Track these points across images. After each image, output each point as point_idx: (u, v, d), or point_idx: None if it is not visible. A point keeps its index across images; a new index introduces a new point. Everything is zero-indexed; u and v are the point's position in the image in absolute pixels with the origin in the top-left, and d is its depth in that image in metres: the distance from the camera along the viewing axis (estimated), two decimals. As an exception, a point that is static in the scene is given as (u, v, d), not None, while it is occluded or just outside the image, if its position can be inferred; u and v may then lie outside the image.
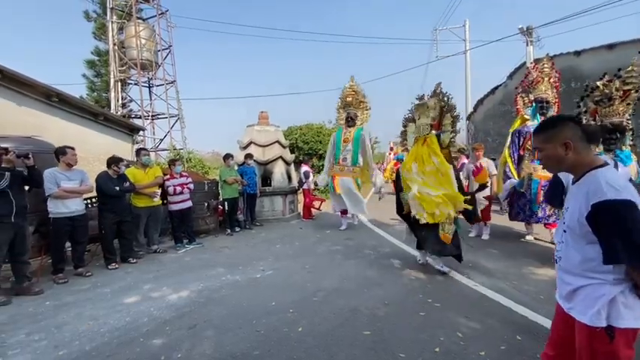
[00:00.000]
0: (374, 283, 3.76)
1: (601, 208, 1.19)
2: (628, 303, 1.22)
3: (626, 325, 1.22)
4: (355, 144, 6.56)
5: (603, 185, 1.21)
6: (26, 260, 3.80)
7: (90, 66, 18.21)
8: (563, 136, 1.34)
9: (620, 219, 1.16)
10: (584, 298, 1.28)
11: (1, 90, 5.30)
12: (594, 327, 1.25)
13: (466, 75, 15.83)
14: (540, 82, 5.24)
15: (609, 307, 1.23)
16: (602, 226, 1.20)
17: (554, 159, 1.37)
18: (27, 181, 3.75)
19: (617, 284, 1.22)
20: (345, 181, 6.55)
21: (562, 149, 1.34)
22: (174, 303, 3.40)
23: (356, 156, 6.58)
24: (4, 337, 2.79)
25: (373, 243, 5.66)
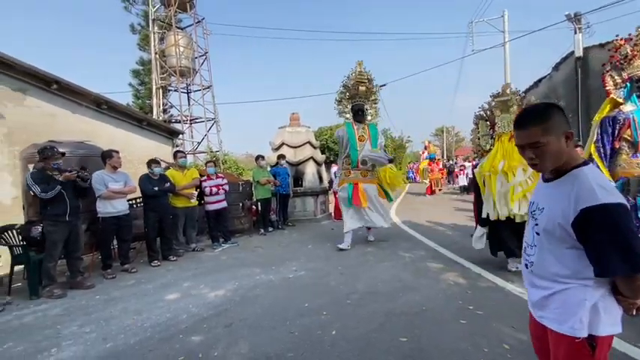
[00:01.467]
0: (409, 287, 3.62)
1: (594, 213, 1.03)
2: (608, 307, 1.10)
3: (607, 332, 1.10)
4: (375, 143, 5.48)
5: (594, 185, 1.06)
6: (79, 256, 4.11)
7: (135, 75, 19.53)
8: (564, 126, 1.14)
9: (617, 225, 1.02)
10: (562, 304, 1.13)
11: (57, 99, 5.82)
12: (574, 337, 1.10)
13: (505, 68, 14.92)
14: (637, 57, 4.26)
15: (591, 314, 1.09)
16: (594, 234, 1.04)
17: (556, 154, 1.14)
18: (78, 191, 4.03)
19: (598, 288, 1.09)
20: (370, 190, 5.45)
21: (564, 141, 1.14)
22: (211, 301, 3.49)
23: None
24: (60, 328, 3.02)
25: (407, 245, 5.48)
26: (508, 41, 14.81)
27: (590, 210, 1.03)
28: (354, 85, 5.67)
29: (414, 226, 7.03)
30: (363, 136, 5.50)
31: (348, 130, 5.53)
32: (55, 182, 3.70)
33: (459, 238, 5.73)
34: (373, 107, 5.83)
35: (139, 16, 19.09)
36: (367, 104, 5.71)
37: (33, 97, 5.51)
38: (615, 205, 1.03)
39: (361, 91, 5.64)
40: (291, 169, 8.19)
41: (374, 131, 5.57)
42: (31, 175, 3.74)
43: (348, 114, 5.68)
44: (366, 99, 5.72)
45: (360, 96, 5.67)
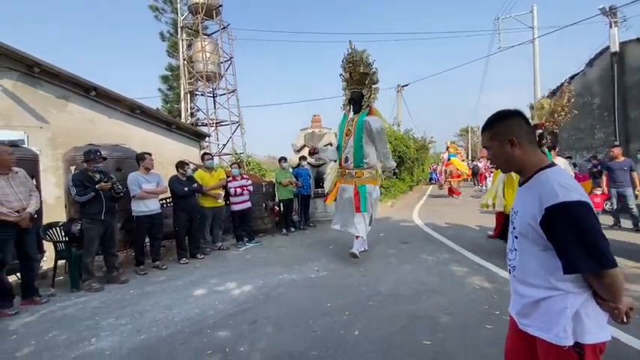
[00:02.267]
0: (433, 290, 3.57)
1: (557, 211, 1.06)
2: (590, 314, 1.09)
3: (594, 339, 1.08)
4: (357, 137, 4.62)
5: (556, 186, 1.09)
6: (115, 253, 4.37)
7: (164, 81, 20.40)
8: (508, 133, 1.22)
9: (579, 223, 1.05)
10: (546, 312, 1.13)
11: (96, 105, 6.22)
12: (561, 346, 1.10)
13: (534, 65, 14.31)
14: None
15: (574, 322, 1.09)
16: (559, 232, 1.07)
17: (502, 158, 1.26)
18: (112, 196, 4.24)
19: (579, 294, 1.10)
20: (345, 191, 4.76)
21: (508, 147, 1.22)
22: (236, 298, 3.61)
23: (359, 154, 4.66)
24: (98, 319, 3.23)
25: (430, 248, 5.39)
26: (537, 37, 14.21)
27: (553, 208, 1.06)
28: (342, 74, 4.96)
29: (438, 229, 6.90)
30: (350, 130, 4.75)
31: (340, 124, 5.02)
32: (91, 187, 3.95)
33: (484, 241, 5.57)
34: (370, 90, 4.87)
35: (168, 24, 19.96)
36: (364, 89, 4.84)
37: (74, 104, 5.93)
38: (575, 203, 1.05)
39: (347, 78, 4.88)
40: (312, 170, 8.27)
41: (359, 123, 4.65)
42: (72, 177, 4.02)
43: (347, 106, 5.02)
44: (362, 84, 4.84)
45: (351, 83, 4.88)
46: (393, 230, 6.88)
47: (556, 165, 1.22)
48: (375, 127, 4.62)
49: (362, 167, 4.72)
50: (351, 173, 4.78)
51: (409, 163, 15.66)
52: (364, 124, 4.62)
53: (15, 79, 5.21)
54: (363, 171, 4.73)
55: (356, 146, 4.67)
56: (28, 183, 3.59)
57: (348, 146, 4.76)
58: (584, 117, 11.39)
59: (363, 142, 4.64)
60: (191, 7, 16.92)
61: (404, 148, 14.14)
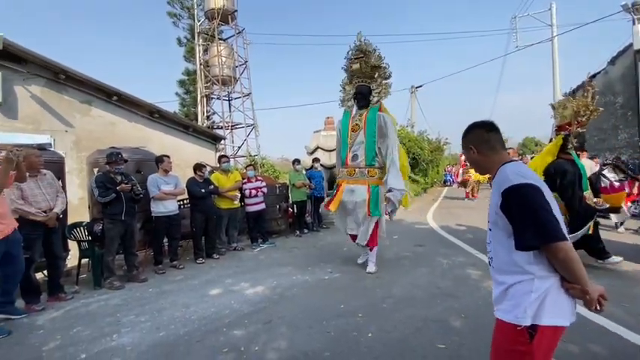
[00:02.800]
0: (447, 293, 3.53)
1: (509, 193, 1.22)
2: (553, 298, 1.19)
3: (550, 322, 1.18)
4: (370, 132, 4.26)
5: (509, 174, 1.27)
6: (134, 252, 4.51)
7: (181, 85, 20.91)
8: (468, 142, 1.48)
9: (526, 200, 1.19)
10: (512, 296, 1.25)
11: (117, 109, 6.46)
12: (516, 325, 1.21)
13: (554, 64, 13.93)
14: None
15: (536, 304, 1.19)
16: (512, 211, 1.22)
17: (472, 162, 1.51)
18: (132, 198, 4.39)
19: (546, 278, 1.20)
20: (355, 192, 4.31)
21: (472, 153, 1.46)
22: (251, 298, 3.67)
23: (371, 151, 4.28)
24: (119, 316, 3.35)
25: (445, 251, 5.32)
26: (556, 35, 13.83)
27: (506, 191, 1.23)
28: (349, 65, 4.57)
29: (453, 232, 6.79)
30: (358, 125, 4.37)
31: (342, 120, 4.61)
32: (112, 188, 4.10)
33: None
34: (382, 85, 4.49)
35: (185, 30, 20.47)
36: (373, 84, 4.48)
37: (97, 108, 6.17)
38: (523, 185, 1.21)
39: (355, 70, 4.48)
40: (325, 172, 8.29)
41: (371, 116, 4.29)
42: (95, 179, 4.19)
43: (350, 101, 4.63)
44: (370, 78, 4.49)
45: (359, 76, 4.51)
46: (407, 233, 6.82)
47: (516, 160, 1.40)
48: (389, 124, 4.27)
49: (374, 166, 4.33)
50: (363, 172, 4.34)
51: (423, 164, 15.47)
52: (378, 119, 4.25)
53: (42, 85, 5.49)
54: (375, 170, 4.34)
55: (368, 142, 4.27)
56: (55, 184, 3.76)
57: (356, 142, 4.35)
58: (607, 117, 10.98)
59: (377, 138, 4.27)
60: (207, 13, 17.29)
61: (418, 149, 13.99)
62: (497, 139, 1.43)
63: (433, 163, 18.53)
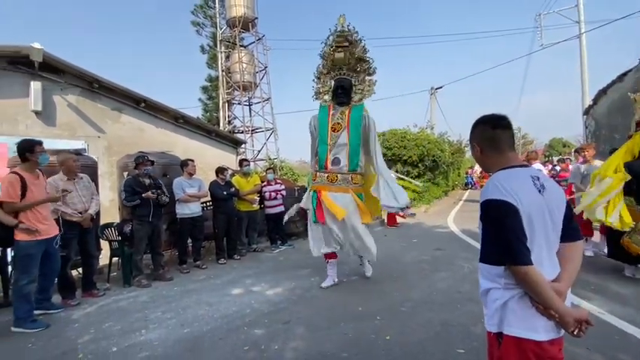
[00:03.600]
0: (468, 298, 3.47)
1: (483, 206, 1.22)
2: (517, 309, 1.18)
3: (515, 333, 1.17)
4: (354, 134, 3.78)
5: (491, 184, 1.22)
6: (161, 252, 4.72)
7: (204, 91, 21.61)
8: (472, 138, 1.39)
9: (494, 218, 1.18)
10: (487, 300, 1.27)
11: (144, 115, 6.78)
12: (489, 331, 1.26)
13: (581, 62, 13.32)
14: None
15: (501, 313, 1.20)
16: (482, 225, 1.23)
17: (475, 160, 1.44)
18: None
19: (509, 289, 1.19)
20: (338, 201, 3.76)
21: (476, 150, 1.39)
22: (270, 298, 3.75)
23: (356, 155, 3.82)
24: (147, 312, 3.51)
25: (466, 255, 5.21)
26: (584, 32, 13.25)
27: (481, 205, 1.23)
28: (330, 53, 3.97)
29: (474, 235, 6.64)
30: (339, 124, 3.84)
31: (319, 116, 4.00)
32: (140, 192, 4.31)
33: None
34: (366, 81, 3.99)
35: (208, 38, 21.17)
36: (355, 78, 3.97)
37: (126, 115, 6.52)
38: (495, 201, 1.17)
39: (338, 60, 3.92)
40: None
41: (356, 115, 3.81)
42: (124, 183, 4.43)
43: (327, 94, 4.04)
44: (353, 71, 3.98)
45: (341, 67, 3.96)
46: (427, 236, 6.73)
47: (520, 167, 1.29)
48: (374, 125, 3.86)
49: (357, 171, 3.88)
50: (347, 179, 3.82)
51: (444, 167, 15.17)
52: (363, 120, 3.80)
53: (78, 94, 5.86)
54: (359, 176, 3.90)
55: (352, 145, 3.77)
56: (90, 187, 4.01)
57: (338, 144, 3.80)
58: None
59: (361, 141, 3.84)
60: (229, 22, 17.81)
61: (438, 151, 13.73)
62: (504, 137, 1.30)
63: (454, 165, 18.15)
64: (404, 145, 12.85)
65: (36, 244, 3.18)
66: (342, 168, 3.83)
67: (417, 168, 13.07)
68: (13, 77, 5.17)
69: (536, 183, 1.22)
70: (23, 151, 3.21)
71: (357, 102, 3.95)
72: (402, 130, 13.76)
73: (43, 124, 5.43)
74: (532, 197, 1.18)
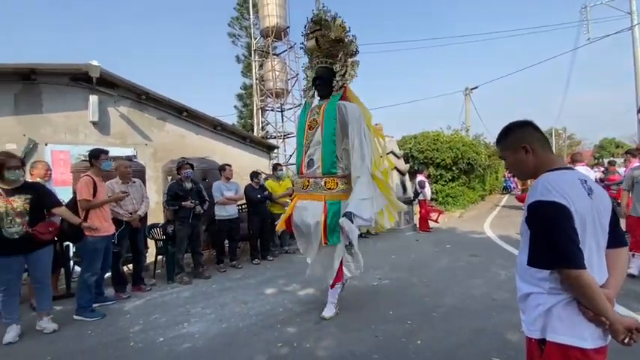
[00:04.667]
0: (505, 306, 3.37)
1: (530, 209, 1.18)
2: (564, 316, 1.13)
3: (560, 340, 1.12)
4: (328, 129, 3.18)
5: (539, 186, 1.18)
6: (200, 252, 5.03)
7: (239, 99, 22.58)
8: (520, 140, 1.31)
9: (544, 219, 1.13)
10: (528, 306, 1.23)
11: (186, 123, 7.27)
12: (530, 337, 1.22)
13: (635, 55, 12.23)
14: None
15: (545, 319, 1.16)
16: (530, 227, 1.18)
17: (517, 165, 1.35)
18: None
19: (554, 294, 1.14)
20: (308, 211, 3.23)
21: (522, 153, 1.30)
22: (302, 298, 3.88)
23: (330, 155, 3.18)
24: (189, 307, 3.77)
25: (503, 262, 5.02)
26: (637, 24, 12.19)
27: (530, 206, 1.18)
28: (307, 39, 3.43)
29: (513, 242, 6.35)
30: (315, 121, 3.30)
31: (300, 115, 3.59)
32: (181, 197, 4.64)
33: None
34: (347, 64, 3.36)
35: (243, 48, 22.14)
36: (337, 64, 3.36)
37: (170, 123, 7.03)
38: (546, 202, 1.12)
39: (311, 48, 3.39)
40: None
41: (329, 108, 3.21)
42: (168, 187, 4.79)
43: (312, 90, 3.52)
44: (332, 57, 3.38)
45: (318, 55, 3.41)
46: (461, 242, 6.54)
47: (567, 169, 1.26)
48: (353, 114, 3.13)
49: (335, 174, 3.20)
50: (319, 183, 3.22)
51: (480, 170, 14.57)
52: (337, 110, 3.17)
53: (128, 105, 6.44)
54: (336, 180, 3.20)
55: (325, 142, 3.17)
56: (141, 191, 4.41)
57: (313, 144, 3.27)
58: None
59: (337, 137, 3.18)
60: (263, 32, 18.48)
61: (474, 154, 13.23)
62: (545, 139, 1.32)
63: (491, 168, 17.34)
64: (436, 147, 12.53)
65: (100, 240, 3.59)
66: (316, 171, 3.23)
67: (451, 171, 12.67)
68: (74, 92, 5.81)
69: (584, 186, 1.19)
70: (91, 157, 3.70)
71: (337, 90, 3.32)
72: (434, 133, 13.42)
73: (99, 133, 6.02)
74: (583, 200, 1.14)
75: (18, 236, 2.99)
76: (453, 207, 11.86)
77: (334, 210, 3.12)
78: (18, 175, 3.06)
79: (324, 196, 3.18)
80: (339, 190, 3.21)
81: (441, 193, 12.29)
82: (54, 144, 5.48)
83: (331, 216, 3.11)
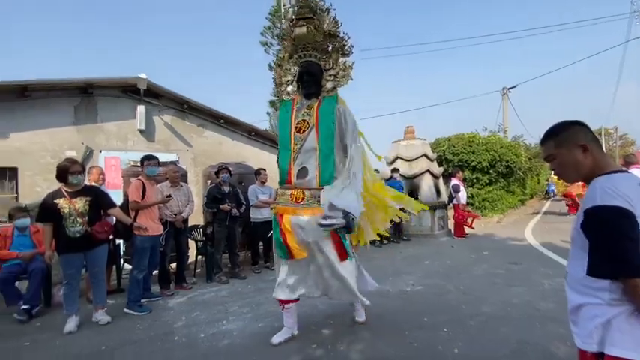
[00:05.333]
0: (549, 317, 3.19)
1: (590, 214, 1.10)
2: (626, 329, 1.05)
3: (621, 354, 1.04)
4: (325, 134, 2.80)
5: (597, 190, 1.11)
6: (236, 252, 5.24)
7: (271, 105, 23.21)
8: (579, 139, 1.21)
9: (606, 226, 1.06)
10: (582, 318, 1.16)
11: (223, 130, 7.62)
12: (585, 351, 1.14)
13: None
14: None
15: (603, 331, 1.08)
16: (589, 234, 1.11)
17: (572, 165, 1.24)
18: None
19: (615, 305, 1.07)
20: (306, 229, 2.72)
21: (579, 153, 1.20)
22: (334, 301, 3.87)
23: (329, 164, 2.79)
24: (227, 306, 3.93)
25: (546, 270, 4.74)
26: None
27: (589, 211, 1.10)
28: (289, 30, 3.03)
29: (557, 250, 5.97)
30: (306, 123, 2.86)
31: (280, 114, 3.06)
32: (220, 200, 4.89)
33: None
34: (339, 64, 2.98)
35: (274, 56, 22.74)
36: (327, 61, 2.99)
37: (208, 130, 7.41)
38: (608, 207, 1.05)
39: (300, 36, 2.93)
40: (405, 182, 8.19)
41: (327, 107, 2.85)
42: (208, 191, 5.06)
43: (291, 84, 3.08)
44: (321, 51, 2.97)
45: (305, 47, 2.95)
46: (500, 249, 6.26)
47: (622, 172, 1.18)
48: (353, 122, 2.85)
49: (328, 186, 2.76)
50: (316, 196, 2.74)
51: (519, 173, 13.82)
52: (337, 113, 2.80)
53: (172, 114, 6.89)
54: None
55: (324, 149, 2.77)
56: (187, 194, 4.73)
57: (305, 150, 2.82)
58: None
59: (335, 144, 2.80)
60: (293, 38, 18.94)
61: (512, 156, 12.59)
62: (599, 142, 1.26)
63: (532, 171, 16.38)
64: (472, 150, 12.07)
65: (148, 239, 3.87)
66: (311, 182, 2.78)
67: (488, 175, 12.14)
68: (124, 103, 6.32)
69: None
70: (141, 163, 4.07)
71: (329, 92, 2.95)
72: (469, 135, 12.94)
73: (146, 140, 6.50)
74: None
75: (79, 235, 3.31)
76: (490, 212, 11.37)
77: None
78: (80, 179, 3.40)
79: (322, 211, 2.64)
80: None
81: (477, 198, 11.82)
82: (107, 151, 5.99)
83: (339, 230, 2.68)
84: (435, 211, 8.15)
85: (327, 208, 2.56)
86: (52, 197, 3.31)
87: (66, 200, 3.30)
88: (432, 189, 8.41)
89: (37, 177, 5.28)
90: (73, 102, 5.78)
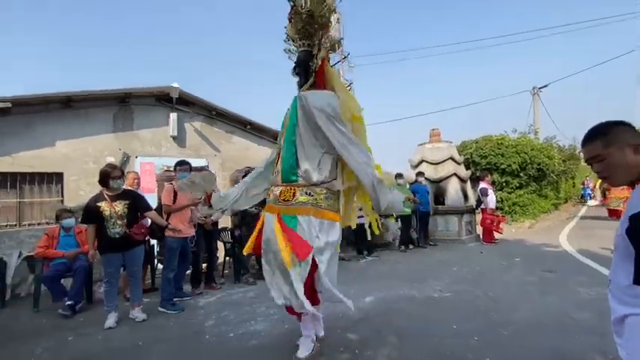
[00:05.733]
0: (587, 328, 3.04)
1: (637, 220, 1.01)
2: None
3: None
4: (289, 128, 2.65)
5: None
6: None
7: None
8: (628, 137, 1.13)
9: None
10: (624, 330, 1.08)
11: (249, 135, 7.83)
12: None
13: None
14: None
15: None
16: (635, 240, 1.02)
17: (623, 166, 1.14)
18: None
19: None
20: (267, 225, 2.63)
21: (631, 153, 1.12)
22: (360, 306, 3.90)
23: (289, 157, 2.58)
24: (254, 307, 4.04)
25: (583, 279, 4.50)
26: None
27: (634, 216, 1.03)
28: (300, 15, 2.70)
29: (596, 257, 5.65)
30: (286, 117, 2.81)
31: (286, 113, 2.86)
32: None
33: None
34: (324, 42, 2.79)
35: (299, 59, 23.10)
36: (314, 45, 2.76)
37: (236, 136, 7.64)
38: None
39: (290, 34, 2.85)
40: (431, 186, 8.05)
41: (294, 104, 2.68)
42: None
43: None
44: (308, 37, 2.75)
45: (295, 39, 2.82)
46: (532, 255, 6.01)
47: None
48: (317, 104, 2.51)
49: (294, 183, 2.56)
50: (276, 194, 2.60)
51: (553, 176, 13.17)
52: (298, 103, 2.62)
53: (201, 120, 7.17)
54: (294, 189, 2.54)
55: (285, 143, 2.64)
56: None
57: (282, 148, 2.70)
58: None
59: (296, 137, 2.58)
60: (316, 43, 19.16)
61: (545, 158, 12.03)
62: None
63: (566, 174, 15.57)
64: (501, 152, 11.64)
65: (176, 240, 4.06)
66: (277, 180, 2.67)
67: (519, 178, 11.66)
68: (158, 110, 6.66)
69: None
70: (174, 168, 4.34)
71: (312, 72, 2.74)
72: (497, 136, 12.49)
73: (178, 146, 6.81)
74: None
75: (119, 236, 3.54)
76: (521, 217, 10.92)
77: (292, 225, 2.48)
78: (120, 183, 3.64)
79: (280, 209, 2.53)
80: (298, 203, 2.51)
81: (507, 202, 11.38)
82: (142, 156, 6.34)
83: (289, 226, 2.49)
84: (462, 215, 7.95)
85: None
86: (95, 200, 3.56)
87: (107, 203, 3.53)
88: (458, 193, 8.21)
89: (80, 181, 5.68)
90: (111, 110, 6.18)
